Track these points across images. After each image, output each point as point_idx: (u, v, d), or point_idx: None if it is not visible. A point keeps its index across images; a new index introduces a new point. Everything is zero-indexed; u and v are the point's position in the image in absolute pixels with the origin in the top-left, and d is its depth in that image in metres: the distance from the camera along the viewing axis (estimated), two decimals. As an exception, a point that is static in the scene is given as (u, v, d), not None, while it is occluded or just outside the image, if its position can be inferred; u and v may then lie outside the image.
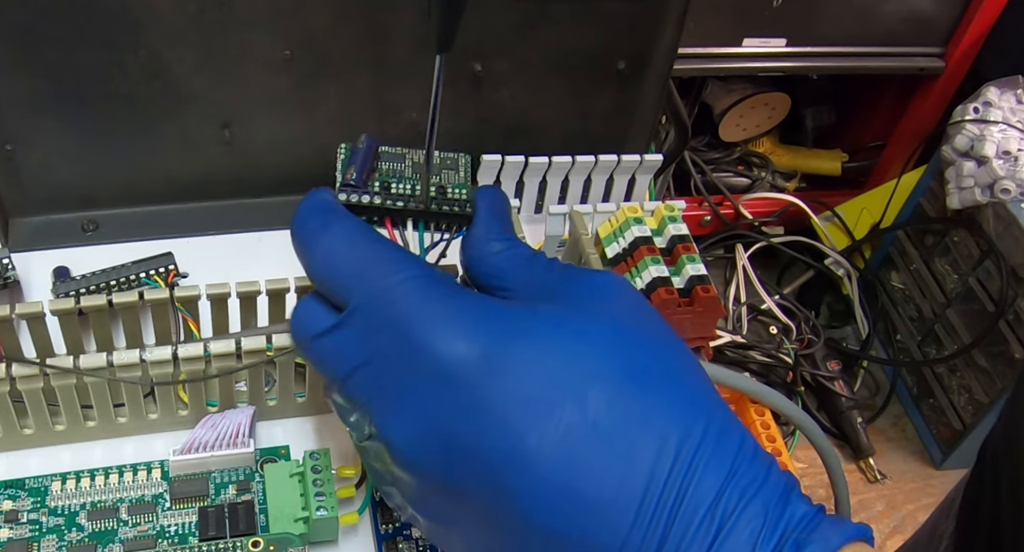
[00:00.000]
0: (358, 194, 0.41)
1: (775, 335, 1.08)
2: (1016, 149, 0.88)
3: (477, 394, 0.29)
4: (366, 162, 0.43)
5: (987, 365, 0.89)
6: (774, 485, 0.29)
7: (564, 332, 0.30)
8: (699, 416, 0.29)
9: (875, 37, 1.09)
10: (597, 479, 0.28)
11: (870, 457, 0.99)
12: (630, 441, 0.28)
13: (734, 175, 1.24)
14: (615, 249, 0.56)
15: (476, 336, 0.29)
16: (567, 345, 0.30)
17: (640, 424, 0.28)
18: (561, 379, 0.29)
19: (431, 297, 0.30)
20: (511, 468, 0.28)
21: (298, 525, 0.44)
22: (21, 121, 0.56)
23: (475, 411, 0.29)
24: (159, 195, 0.61)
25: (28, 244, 0.59)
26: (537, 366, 0.29)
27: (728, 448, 0.29)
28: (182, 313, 0.50)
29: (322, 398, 0.51)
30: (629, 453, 0.28)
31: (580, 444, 0.28)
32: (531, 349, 0.29)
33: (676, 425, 0.29)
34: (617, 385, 0.29)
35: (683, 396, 0.30)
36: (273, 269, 0.59)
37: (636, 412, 0.29)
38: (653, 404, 0.29)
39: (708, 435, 0.29)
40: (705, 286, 0.53)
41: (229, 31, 0.55)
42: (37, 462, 0.48)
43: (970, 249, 0.89)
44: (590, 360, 0.29)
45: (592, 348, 0.30)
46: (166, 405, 0.49)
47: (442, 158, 0.44)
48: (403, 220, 0.41)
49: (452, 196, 0.42)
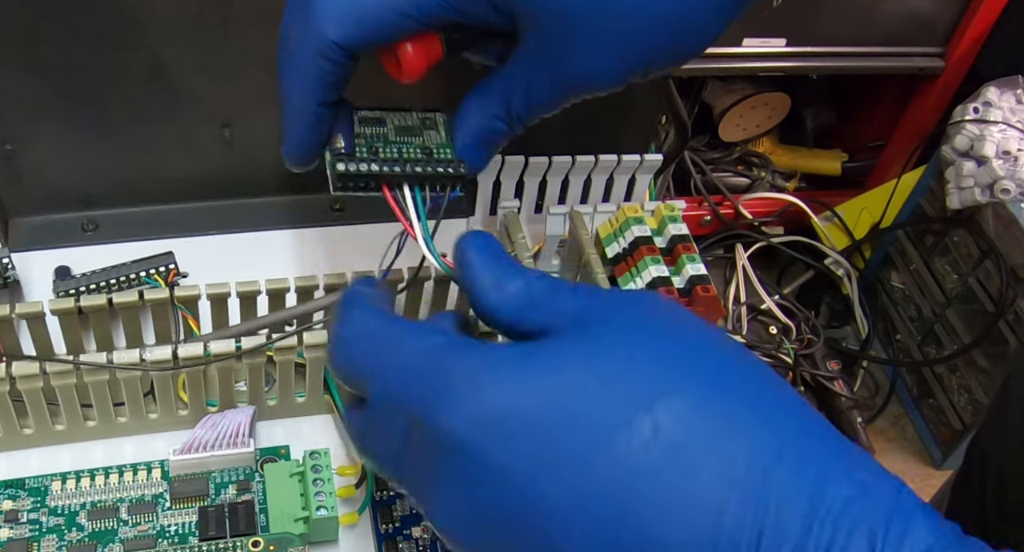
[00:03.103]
0: (355, 163, 0.40)
1: (775, 335, 1.08)
2: (1016, 149, 0.88)
3: (490, 462, 0.26)
4: (349, 126, 0.42)
5: (987, 365, 0.89)
6: (879, 506, 0.24)
7: (567, 370, 0.27)
8: (769, 434, 0.25)
9: (875, 37, 1.09)
10: (644, 524, 0.25)
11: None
12: (682, 476, 0.25)
13: (734, 175, 1.24)
14: (615, 249, 0.56)
15: (471, 404, 0.27)
16: (573, 384, 0.26)
17: (693, 453, 0.25)
18: (575, 424, 0.26)
19: (430, 376, 0.29)
20: (542, 531, 0.26)
21: (298, 525, 0.44)
22: (21, 121, 0.56)
23: (491, 482, 0.26)
24: (159, 195, 0.61)
25: (28, 244, 0.59)
26: (540, 420, 0.26)
27: (810, 468, 0.25)
28: (182, 311, 0.50)
29: (322, 398, 0.51)
30: (682, 490, 0.24)
31: (616, 490, 0.25)
32: (529, 401, 0.27)
33: (742, 449, 0.25)
34: (652, 413, 0.25)
35: (753, 415, 0.26)
36: (273, 269, 0.59)
37: (686, 439, 0.25)
38: (711, 429, 0.25)
39: (784, 455, 0.25)
40: (705, 286, 0.53)
41: (229, 31, 0.55)
42: (37, 462, 0.48)
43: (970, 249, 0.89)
44: (610, 392, 0.26)
45: (606, 380, 0.26)
46: (166, 405, 0.49)
47: (421, 118, 0.44)
48: (399, 184, 0.40)
49: (439, 156, 0.42)
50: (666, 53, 0.38)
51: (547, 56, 0.37)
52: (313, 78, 0.37)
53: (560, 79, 0.38)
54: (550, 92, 0.38)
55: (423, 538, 0.47)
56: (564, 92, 0.38)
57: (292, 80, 0.38)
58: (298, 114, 0.38)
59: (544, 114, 0.40)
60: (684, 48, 0.38)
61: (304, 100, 0.38)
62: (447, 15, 0.37)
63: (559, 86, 0.38)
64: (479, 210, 0.61)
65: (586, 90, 0.39)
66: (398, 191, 0.40)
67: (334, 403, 0.50)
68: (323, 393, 0.51)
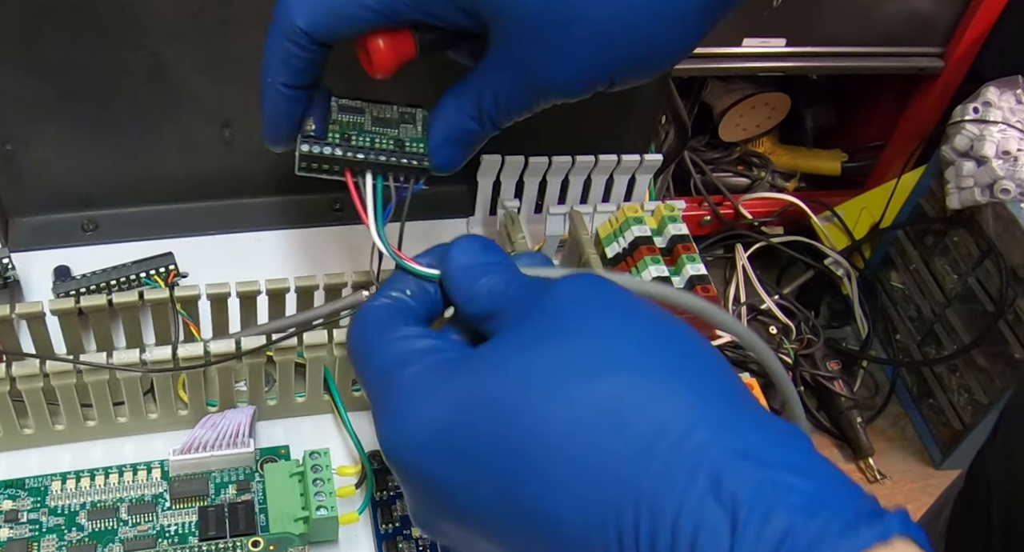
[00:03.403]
0: (319, 145, 0.41)
1: (775, 335, 1.08)
2: (1016, 149, 0.88)
3: (421, 477, 0.30)
4: (324, 111, 0.43)
5: (987, 365, 0.89)
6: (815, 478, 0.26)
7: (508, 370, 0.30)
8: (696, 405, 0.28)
9: (875, 37, 1.09)
10: None
11: (870, 457, 0.99)
12: (624, 423, 0.27)
13: (734, 175, 1.24)
14: (615, 249, 0.56)
15: (398, 427, 0.31)
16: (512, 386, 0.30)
17: (631, 414, 0.28)
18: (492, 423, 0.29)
19: (379, 392, 0.32)
20: None
21: (298, 525, 0.44)
22: (21, 121, 0.56)
23: (422, 492, 0.31)
24: (159, 195, 0.61)
25: (28, 244, 0.59)
26: (459, 430, 0.30)
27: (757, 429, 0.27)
28: (183, 317, 0.50)
29: (322, 398, 0.51)
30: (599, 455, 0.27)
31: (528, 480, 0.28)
32: (444, 415, 0.30)
33: (677, 415, 0.27)
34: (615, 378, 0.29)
35: (686, 386, 0.29)
36: (273, 269, 0.59)
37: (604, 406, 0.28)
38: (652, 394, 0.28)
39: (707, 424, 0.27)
40: (705, 286, 0.53)
41: (229, 31, 0.55)
42: (37, 462, 0.48)
43: (970, 249, 0.89)
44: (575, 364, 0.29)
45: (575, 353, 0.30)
46: (166, 405, 0.49)
47: (400, 112, 0.45)
48: (362, 172, 0.42)
49: (410, 149, 0.43)
50: (630, 66, 0.39)
51: (513, 62, 0.39)
52: (280, 61, 0.39)
53: (526, 85, 0.39)
54: (518, 97, 0.40)
55: (423, 538, 0.47)
56: (531, 98, 0.40)
57: (265, 61, 0.40)
58: (267, 93, 0.40)
59: (517, 117, 0.41)
60: (648, 63, 0.40)
61: (272, 80, 0.40)
62: (412, 14, 0.38)
63: (525, 92, 0.40)
64: (479, 210, 0.61)
65: (552, 96, 0.40)
66: (360, 178, 0.41)
67: (334, 403, 0.50)
68: (323, 393, 0.51)
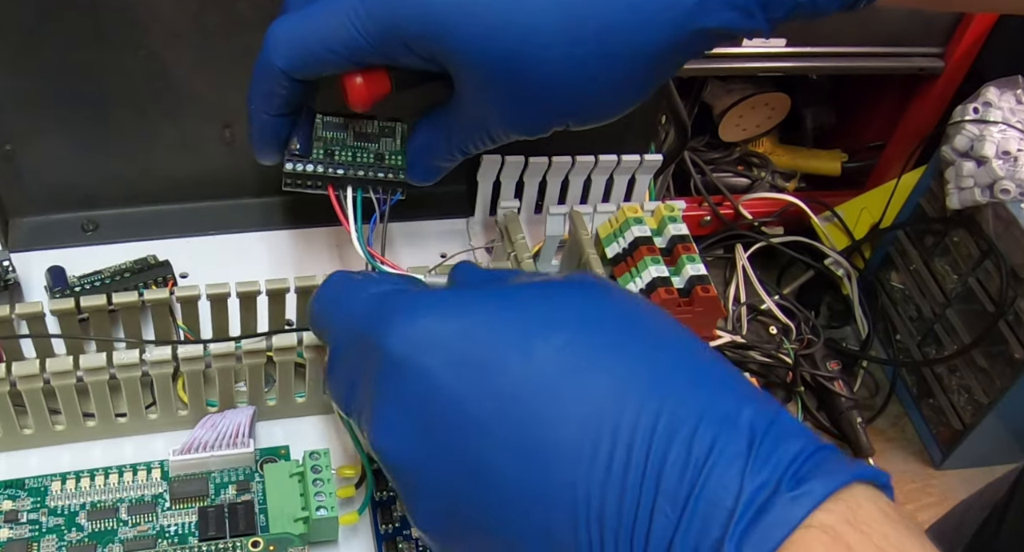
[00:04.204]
0: (303, 164, 0.46)
1: (775, 335, 1.08)
2: (1016, 149, 0.88)
3: (419, 371, 0.31)
4: (309, 130, 0.47)
5: (987, 365, 0.89)
6: (758, 418, 0.27)
7: (499, 298, 0.32)
8: (661, 360, 0.29)
9: (875, 37, 1.09)
10: (548, 425, 0.28)
11: (870, 457, 0.99)
12: (583, 384, 0.28)
13: (734, 175, 1.24)
14: (615, 249, 0.56)
15: (406, 326, 0.32)
16: (502, 312, 0.31)
17: (593, 369, 0.29)
18: (501, 338, 0.30)
19: (376, 312, 0.33)
20: (463, 433, 0.30)
21: (298, 525, 0.44)
22: (21, 121, 0.56)
23: (419, 391, 0.31)
24: (159, 195, 0.61)
25: (28, 244, 0.59)
26: (466, 334, 0.31)
27: (705, 386, 0.28)
28: (184, 332, 0.50)
29: (322, 398, 0.51)
30: (581, 398, 0.28)
31: (529, 395, 0.29)
32: (459, 321, 0.31)
33: (634, 369, 0.28)
34: (568, 333, 0.30)
35: (647, 346, 0.30)
36: (273, 269, 0.59)
37: (589, 357, 0.29)
38: (608, 347, 0.29)
39: (675, 376, 0.28)
40: (705, 286, 0.53)
41: (229, 31, 0.55)
42: (37, 462, 0.48)
43: (970, 249, 0.89)
44: (534, 315, 0.31)
45: (533, 307, 0.31)
46: (166, 405, 0.49)
47: (380, 126, 0.48)
48: (343, 186, 0.46)
49: (389, 163, 0.47)
50: (582, 116, 0.42)
51: (471, 107, 0.42)
52: (262, 95, 0.43)
53: (485, 128, 0.43)
54: (479, 136, 0.43)
55: (423, 538, 0.47)
56: (491, 137, 0.43)
57: (250, 91, 0.44)
58: (253, 119, 0.45)
59: (484, 149, 0.44)
60: (598, 113, 0.43)
61: (256, 109, 0.44)
62: (378, 60, 0.41)
63: (485, 133, 0.43)
64: (479, 210, 0.61)
65: (512, 136, 0.43)
66: (341, 192, 0.46)
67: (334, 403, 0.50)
68: (323, 393, 0.51)
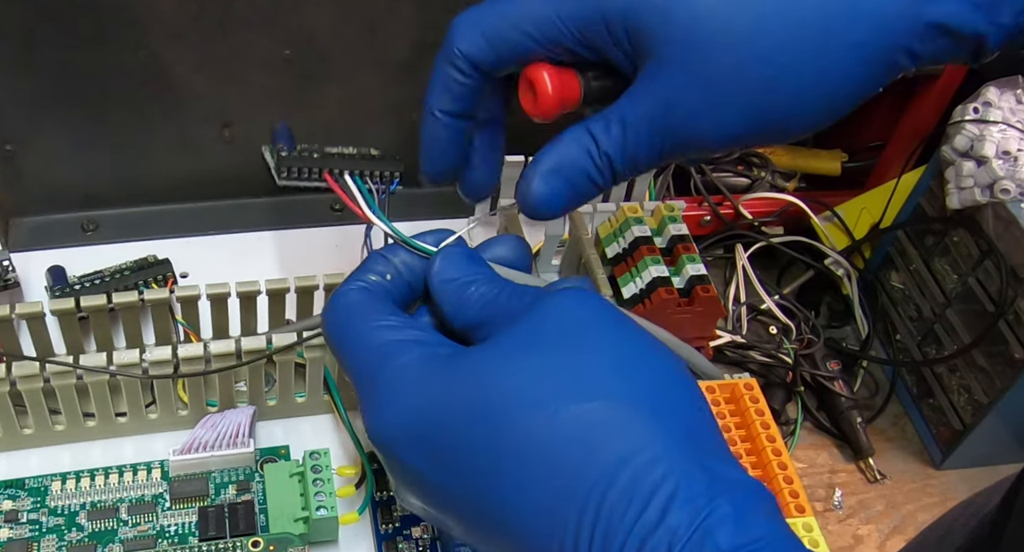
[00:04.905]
0: (297, 152, 0.48)
1: (775, 335, 1.08)
2: (1016, 149, 0.87)
3: (400, 461, 0.32)
4: (292, 140, 0.48)
5: (987, 365, 0.89)
6: None
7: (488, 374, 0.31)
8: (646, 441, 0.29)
9: (875, 37, 1.09)
10: None
11: (870, 457, 0.99)
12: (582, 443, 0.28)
13: (734, 175, 1.23)
14: (615, 249, 0.56)
15: (384, 415, 0.32)
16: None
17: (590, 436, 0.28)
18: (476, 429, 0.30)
19: (365, 380, 0.33)
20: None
21: (298, 525, 0.44)
22: (21, 121, 0.56)
23: (405, 476, 0.32)
24: (159, 195, 0.61)
25: (28, 244, 0.59)
26: (439, 426, 0.31)
27: None
28: (184, 327, 0.50)
29: (322, 398, 0.51)
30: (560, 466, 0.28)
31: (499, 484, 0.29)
32: (430, 414, 0.31)
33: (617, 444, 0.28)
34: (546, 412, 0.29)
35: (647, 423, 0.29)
36: (273, 269, 0.59)
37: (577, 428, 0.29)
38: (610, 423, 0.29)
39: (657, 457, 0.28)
40: (705, 286, 0.53)
41: (229, 31, 0.55)
42: (37, 462, 0.48)
43: (970, 249, 0.89)
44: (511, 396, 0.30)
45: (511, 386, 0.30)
46: (166, 405, 0.49)
47: (360, 150, 0.50)
48: (340, 172, 0.47)
49: (378, 156, 0.49)
50: (774, 127, 0.38)
51: (653, 97, 0.36)
52: (442, 86, 0.38)
53: (659, 125, 0.36)
54: (647, 140, 0.37)
55: (423, 538, 0.47)
56: (661, 142, 0.37)
57: (429, 88, 0.39)
58: (426, 122, 0.39)
59: (636, 164, 0.37)
60: (790, 125, 0.39)
61: (431, 106, 0.39)
62: (571, 44, 0.36)
63: (656, 134, 0.36)
64: (479, 210, 0.61)
65: (682, 148, 0.37)
66: (339, 178, 0.46)
67: (334, 403, 0.50)
68: (323, 393, 0.51)
